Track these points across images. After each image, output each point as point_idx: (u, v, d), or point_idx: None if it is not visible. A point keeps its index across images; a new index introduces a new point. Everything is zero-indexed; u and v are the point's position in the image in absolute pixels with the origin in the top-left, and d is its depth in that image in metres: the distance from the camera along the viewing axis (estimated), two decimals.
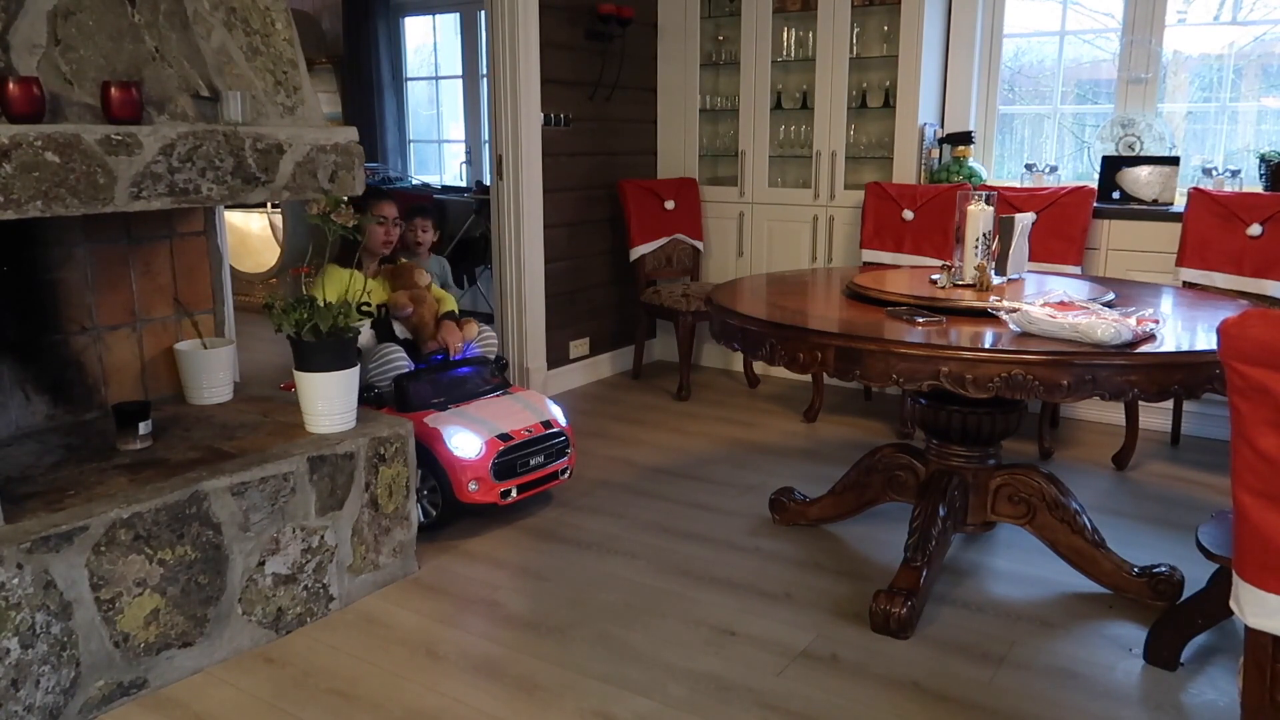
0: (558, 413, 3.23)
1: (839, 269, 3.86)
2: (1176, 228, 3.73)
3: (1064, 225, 3.89)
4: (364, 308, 3.14)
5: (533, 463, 3.08)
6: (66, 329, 2.64)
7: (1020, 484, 2.65)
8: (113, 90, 2.09)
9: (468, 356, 3.34)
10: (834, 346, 2.24)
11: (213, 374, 2.82)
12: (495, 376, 3.32)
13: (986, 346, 2.12)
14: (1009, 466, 2.71)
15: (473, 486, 2.93)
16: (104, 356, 2.72)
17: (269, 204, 6.38)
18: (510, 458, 3.00)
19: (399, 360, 3.16)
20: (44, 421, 2.60)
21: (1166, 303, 2.73)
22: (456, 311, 3.46)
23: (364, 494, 2.58)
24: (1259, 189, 3.73)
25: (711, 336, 2.75)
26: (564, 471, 3.22)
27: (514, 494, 3.03)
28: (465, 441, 2.95)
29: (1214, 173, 3.87)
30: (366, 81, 6.88)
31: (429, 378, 3.15)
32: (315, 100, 2.65)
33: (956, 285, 2.66)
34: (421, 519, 2.94)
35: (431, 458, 2.93)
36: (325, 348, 2.52)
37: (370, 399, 2.99)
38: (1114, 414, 3.86)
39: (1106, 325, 2.09)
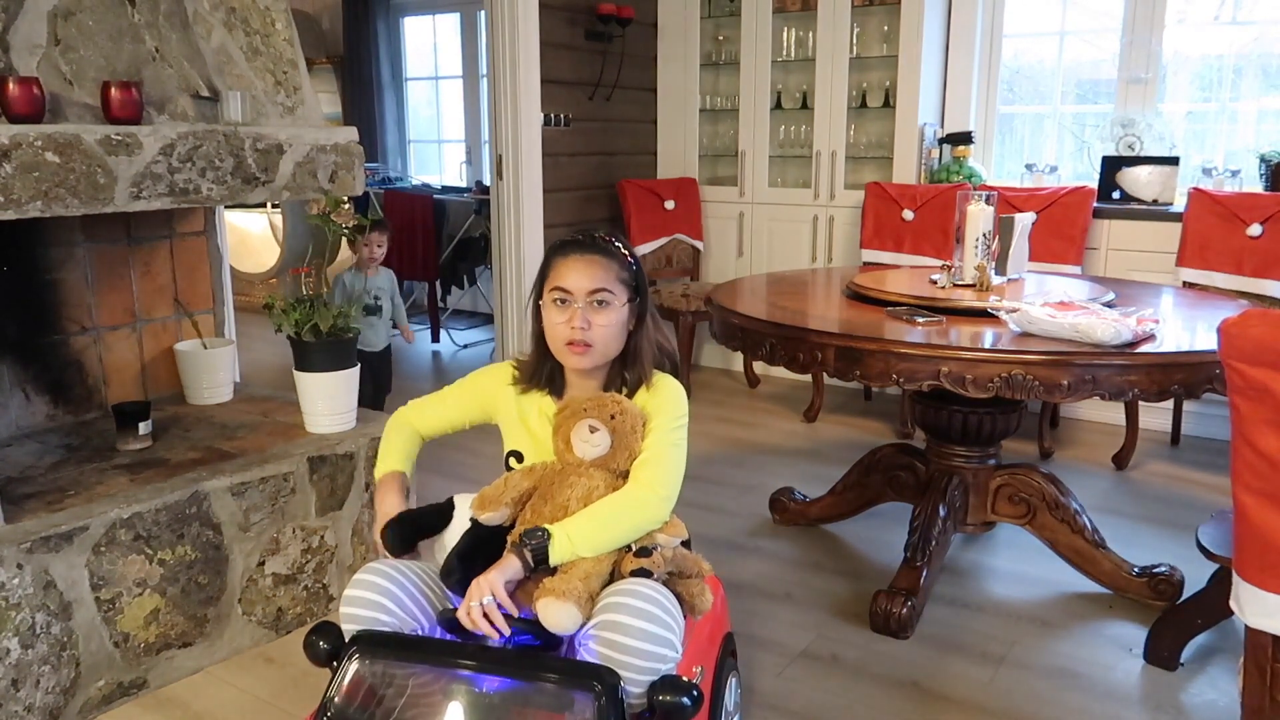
0: None
1: (839, 269, 3.85)
2: (1176, 228, 3.73)
3: (1064, 225, 3.89)
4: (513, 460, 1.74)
5: None
6: (66, 329, 2.64)
7: (1020, 484, 2.66)
8: (113, 90, 2.09)
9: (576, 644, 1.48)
10: (834, 346, 2.24)
11: (213, 374, 2.82)
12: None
13: (986, 346, 2.12)
14: (1009, 466, 2.71)
15: None
16: (104, 356, 2.72)
17: (269, 204, 6.38)
18: None
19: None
20: (44, 421, 2.60)
21: (1166, 303, 2.73)
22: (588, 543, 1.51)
23: (364, 494, 2.58)
24: (1259, 189, 3.72)
25: (711, 336, 2.75)
26: None
27: None
28: None
29: (1214, 173, 3.87)
30: (366, 81, 6.89)
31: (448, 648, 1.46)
32: (315, 100, 2.65)
33: (956, 285, 2.66)
34: None
35: None
36: (325, 348, 2.52)
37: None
38: (1114, 414, 3.85)
39: (1106, 325, 2.08)
